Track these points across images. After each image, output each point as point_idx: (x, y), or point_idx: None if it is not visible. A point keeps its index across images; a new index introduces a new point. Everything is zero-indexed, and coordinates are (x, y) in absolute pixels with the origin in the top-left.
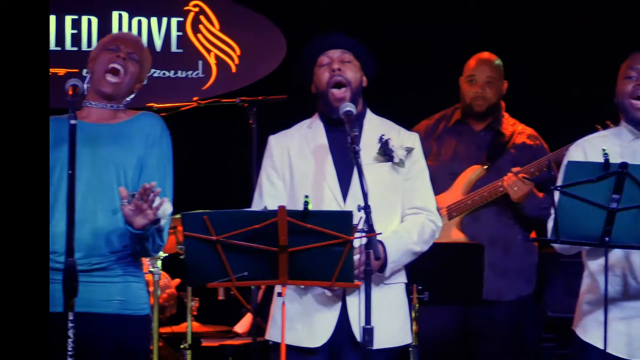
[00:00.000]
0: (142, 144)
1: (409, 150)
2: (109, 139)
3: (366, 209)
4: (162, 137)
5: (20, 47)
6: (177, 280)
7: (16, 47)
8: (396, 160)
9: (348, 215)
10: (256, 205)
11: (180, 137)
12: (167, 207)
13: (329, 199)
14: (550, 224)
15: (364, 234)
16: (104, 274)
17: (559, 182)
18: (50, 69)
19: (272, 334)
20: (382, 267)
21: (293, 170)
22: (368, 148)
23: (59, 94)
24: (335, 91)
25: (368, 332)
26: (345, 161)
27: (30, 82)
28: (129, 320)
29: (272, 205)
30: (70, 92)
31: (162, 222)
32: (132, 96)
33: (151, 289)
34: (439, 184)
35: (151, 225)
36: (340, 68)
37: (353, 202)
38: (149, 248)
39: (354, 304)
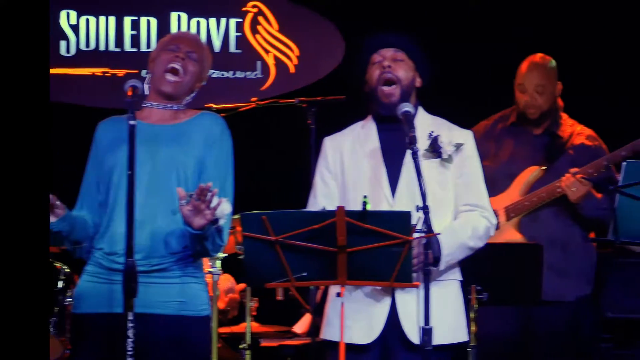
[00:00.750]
0: (201, 144)
1: (458, 146)
2: (168, 140)
3: (424, 209)
4: (222, 136)
5: (21, 46)
6: (242, 285)
7: (16, 47)
8: (444, 156)
9: (406, 215)
10: (311, 205)
11: (239, 138)
12: (225, 207)
13: (379, 199)
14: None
15: (422, 234)
16: (163, 275)
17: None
18: (109, 70)
19: (326, 332)
20: (437, 261)
21: (345, 171)
22: (418, 145)
23: (118, 95)
24: (384, 88)
25: (427, 332)
26: (396, 161)
27: (30, 82)
28: (189, 321)
29: (326, 206)
30: (130, 93)
31: (221, 222)
32: (192, 95)
33: (210, 289)
34: (497, 185)
35: (210, 226)
36: (390, 65)
37: (402, 201)
38: (208, 248)
39: (405, 301)
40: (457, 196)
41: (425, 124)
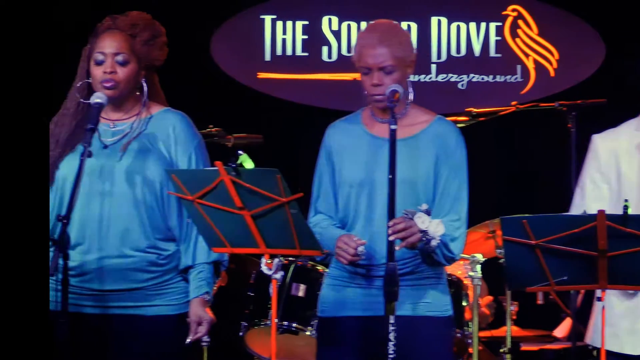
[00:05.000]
0: (434, 157)
1: None
2: (401, 155)
3: None
4: (456, 147)
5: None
6: (488, 299)
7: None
8: None
9: None
10: (577, 207)
11: (499, 142)
12: (439, 229)
13: None
14: None
15: None
16: (409, 278)
17: None
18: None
19: (593, 338)
20: None
21: (620, 173)
22: None
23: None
24: None
25: None
26: None
27: (31, 82)
28: (432, 322)
29: (595, 209)
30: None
31: (434, 243)
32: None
33: (470, 292)
34: None
35: (422, 244)
36: None
37: None
38: (439, 260)
39: None
40: None
41: None
